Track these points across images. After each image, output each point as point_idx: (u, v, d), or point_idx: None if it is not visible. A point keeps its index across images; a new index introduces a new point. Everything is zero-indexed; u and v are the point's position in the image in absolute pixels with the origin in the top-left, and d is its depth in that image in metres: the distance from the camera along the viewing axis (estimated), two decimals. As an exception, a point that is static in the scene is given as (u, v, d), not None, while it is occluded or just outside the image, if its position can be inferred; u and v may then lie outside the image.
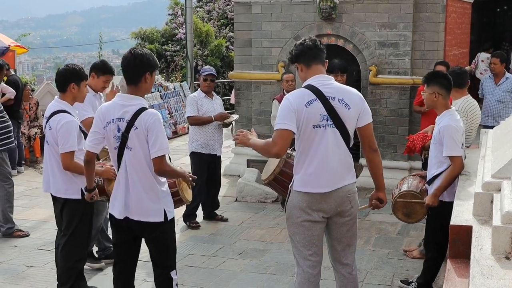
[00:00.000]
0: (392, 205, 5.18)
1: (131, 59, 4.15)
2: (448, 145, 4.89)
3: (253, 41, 9.68)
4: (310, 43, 4.16)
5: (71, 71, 5.14)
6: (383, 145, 8.89)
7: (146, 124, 4.07)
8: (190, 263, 6.21)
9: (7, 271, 6.09)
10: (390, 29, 8.80)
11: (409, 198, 5.11)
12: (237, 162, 10.04)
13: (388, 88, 8.90)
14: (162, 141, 4.11)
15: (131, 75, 4.18)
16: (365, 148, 4.23)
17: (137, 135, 4.10)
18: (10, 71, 10.39)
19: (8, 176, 7.16)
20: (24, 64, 55.12)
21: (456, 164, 4.90)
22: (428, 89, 5.11)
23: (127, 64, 4.17)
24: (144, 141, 4.10)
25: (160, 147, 4.08)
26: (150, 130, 4.08)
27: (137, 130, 4.09)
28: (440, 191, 4.94)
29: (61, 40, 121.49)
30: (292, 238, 4.24)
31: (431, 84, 5.11)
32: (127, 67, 4.18)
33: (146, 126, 4.07)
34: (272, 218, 7.75)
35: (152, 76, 4.22)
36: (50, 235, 6.94)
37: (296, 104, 4.00)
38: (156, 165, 4.12)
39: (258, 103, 9.77)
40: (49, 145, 5.10)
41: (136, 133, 4.10)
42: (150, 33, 21.25)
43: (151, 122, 4.08)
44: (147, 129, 4.07)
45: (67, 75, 5.11)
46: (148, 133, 4.08)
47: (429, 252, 5.34)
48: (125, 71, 4.20)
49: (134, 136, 4.10)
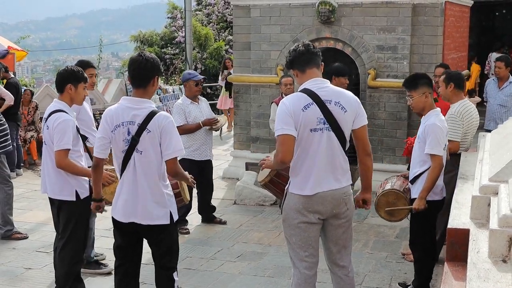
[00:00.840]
0: (375, 203, 5.21)
1: (142, 61, 4.18)
2: (431, 143, 4.95)
3: (252, 44, 9.69)
4: (302, 48, 4.17)
5: (69, 72, 5.17)
6: (381, 148, 8.90)
7: (160, 126, 4.11)
8: (189, 265, 6.21)
9: (5, 273, 6.09)
10: (389, 33, 8.82)
11: (392, 198, 5.14)
12: (236, 165, 10.05)
13: (386, 91, 8.91)
14: (177, 142, 4.15)
15: (142, 78, 4.21)
16: (358, 150, 4.25)
17: (150, 138, 4.12)
18: (9, 73, 10.40)
19: (7, 178, 7.17)
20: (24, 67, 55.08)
21: (436, 163, 4.96)
22: (417, 92, 5.14)
23: (138, 67, 4.19)
24: (156, 144, 4.13)
25: (175, 148, 4.13)
26: (164, 133, 4.11)
27: (150, 133, 4.12)
28: (426, 193, 4.98)
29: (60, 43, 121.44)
30: (288, 239, 4.26)
31: (420, 86, 5.15)
32: (138, 69, 4.19)
33: (160, 129, 4.11)
34: (271, 221, 7.76)
35: (157, 80, 4.29)
36: (49, 238, 6.94)
37: (293, 108, 4.01)
38: (170, 166, 4.16)
39: (257, 106, 9.78)
40: (47, 145, 5.13)
41: (149, 136, 4.12)
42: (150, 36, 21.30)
43: (165, 124, 4.12)
44: (161, 131, 4.11)
45: (65, 76, 5.15)
46: (162, 135, 4.11)
47: (416, 253, 5.37)
48: (136, 73, 4.21)
49: (147, 139, 4.12)
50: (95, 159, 4.37)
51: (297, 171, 4.13)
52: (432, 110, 5.14)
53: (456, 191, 4.60)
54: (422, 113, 5.19)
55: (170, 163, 4.17)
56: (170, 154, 4.13)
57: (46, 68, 69.35)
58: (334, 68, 7.35)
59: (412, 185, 5.20)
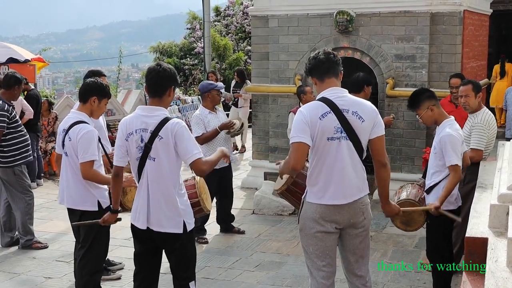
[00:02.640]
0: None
1: (159, 71, 4.23)
2: (450, 156, 4.92)
3: (270, 54, 9.73)
4: (322, 57, 4.16)
5: (98, 85, 5.22)
6: (400, 158, 8.85)
7: (173, 133, 4.13)
8: (207, 275, 6.22)
9: (25, 282, 6.15)
10: (407, 42, 8.80)
11: (407, 207, 5.11)
12: (254, 175, 10.06)
13: (405, 100, 8.79)
14: (194, 145, 4.18)
15: (157, 87, 4.25)
16: (374, 160, 4.22)
17: (162, 145, 4.15)
18: (30, 85, 10.53)
19: (28, 188, 7.25)
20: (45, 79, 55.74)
21: (457, 173, 4.93)
22: (421, 109, 5.14)
23: (155, 76, 4.23)
24: (170, 151, 4.15)
25: (194, 150, 4.14)
26: (178, 138, 4.13)
27: (163, 140, 4.14)
28: (442, 201, 4.95)
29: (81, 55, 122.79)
30: (305, 249, 4.25)
31: (421, 103, 5.15)
32: (154, 78, 4.24)
33: (173, 135, 4.13)
34: (289, 231, 7.75)
35: (174, 91, 4.33)
36: (69, 247, 7.00)
37: (310, 117, 4.02)
38: (196, 167, 4.17)
39: (275, 116, 9.79)
40: (68, 156, 5.15)
41: (161, 143, 4.15)
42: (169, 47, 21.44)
43: (178, 130, 4.14)
44: (174, 137, 4.13)
45: (93, 88, 5.19)
46: (177, 141, 4.13)
47: (433, 262, 5.33)
48: (152, 82, 4.25)
49: (159, 146, 4.15)
50: (115, 168, 4.40)
51: (314, 180, 4.13)
52: (445, 120, 5.11)
53: (474, 200, 4.57)
54: (437, 124, 5.17)
55: (194, 165, 4.17)
56: (191, 158, 4.13)
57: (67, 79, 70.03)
58: (365, 77, 7.32)
59: (427, 195, 5.17)
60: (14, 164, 7.07)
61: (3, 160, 7.05)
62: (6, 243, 7.28)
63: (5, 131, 7.02)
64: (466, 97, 5.86)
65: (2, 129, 6.99)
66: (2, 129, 6.99)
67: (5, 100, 7.14)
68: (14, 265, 6.64)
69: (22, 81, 7.50)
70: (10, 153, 7.05)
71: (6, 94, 7.24)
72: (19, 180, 7.14)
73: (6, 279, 6.23)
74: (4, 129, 6.99)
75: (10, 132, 7.08)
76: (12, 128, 7.10)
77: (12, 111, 7.16)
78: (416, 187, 5.39)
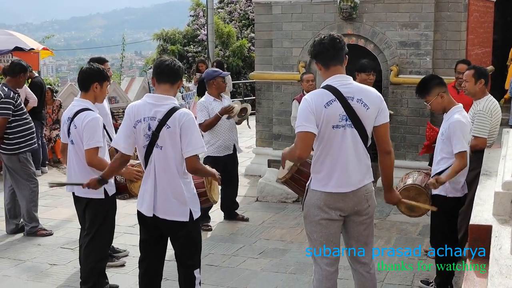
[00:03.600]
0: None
1: (173, 61, 4.33)
2: (458, 143, 4.90)
3: (274, 41, 9.70)
4: (328, 43, 4.12)
5: (95, 70, 5.19)
6: (404, 145, 8.84)
7: (180, 123, 4.15)
8: (211, 262, 6.25)
9: (31, 269, 6.18)
10: (411, 29, 8.76)
11: (413, 193, 5.11)
12: (258, 162, 10.07)
13: (409, 88, 8.84)
14: (197, 140, 4.18)
15: (170, 74, 4.30)
16: (378, 148, 4.21)
17: (169, 134, 4.16)
18: (34, 73, 10.53)
19: (32, 176, 7.27)
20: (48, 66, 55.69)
21: (463, 159, 4.92)
22: (431, 96, 5.12)
23: (169, 63, 4.30)
24: (176, 140, 4.17)
25: (195, 146, 4.16)
26: (184, 129, 4.15)
27: (170, 129, 4.15)
28: (447, 179, 4.95)
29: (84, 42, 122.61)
30: (309, 236, 4.26)
31: (431, 89, 5.13)
32: (169, 66, 4.29)
33: (180, 125, 4.15)
34: (293, 218, 7.76)
35: (180, 85, 4.43)
36: (73, 234, 7.03)
37: (315, 105, 4.00)
38: (189, 163, 4.19)
39: (278, 104, 9.78)
40: (74, 144, 5.15)
41: (168, 132, 4.16)
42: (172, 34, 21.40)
43: (186, 121, 4.16)
44: (181, 128, 4.15)
45: (91, 75, 5.17)
46: (182, 132, 4.15)
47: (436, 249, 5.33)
48: (166, 68, 4.28)
49: (166, 134, 4.16)
50: (120, 154, 4.39)
51: (318, 167, 4.13)
52: (454, 106, 5.10)
53: (478, 187, 4.56)
54: (445, 112, 5.15)
55: (189, 160, 4.19)
56: (190, 152, 4.16)
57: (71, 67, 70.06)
58: (360, 64, 7.35)
59: None
60: (19, 151, 7.10)
61: (8, 148, 7.07)
62: (11, 230, 7.32)
63: (10, 119, 7.04)
64: (466, 82, 5.88)
65: (8, 116, 7.01)
66: (8, 116, 7.00)
67: (10, 87, 7.15)
68: (19, 252, 6.68)
69: (28, 69, 7.51)
70: (15, 140, 7.07)
71: (12, 82, 7.25)
72: (24, 168, 7.16)
73: (11, 265, 6.26)
74: (9, 116, 7.01)
75: (15, 119, 7.10)
76: (17, 115, 7.12)
77: (18, 99, 7.18)
78: (422, 174, 5.39)
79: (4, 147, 7.09)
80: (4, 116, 7.00)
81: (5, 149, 7.09)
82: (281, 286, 5.63)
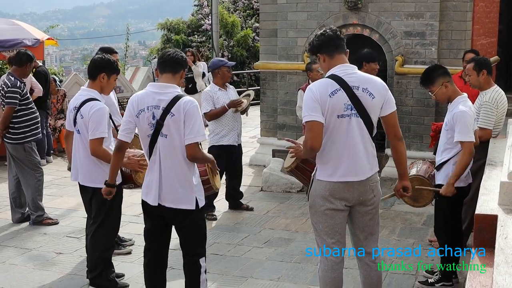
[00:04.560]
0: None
1: (176, 52, 4.35)
2: (461, 131, 4.89)
3: (279, 31, 9.68)
4: (331, 33, 4.14)
5: (106, 61, 5.21)
6: (409, 135, 8.84)
7: (185, 110, 4.16)
8: (216, 251, 6.28)
9: (37, 257, 6.22)
10: (417, 19, 8.74)
11: (417, 183, 5.12)
12: (263, 152, 10.08)
13: (414, 78, 8.83)
14: (199, 128, 4.19)
15: (173, 64, 4.31)
16: (390, 136, 4.23)
17: (174, 122, 4.17)
18: (38, 62, 10.53)
19: (37, 165, 7.30)
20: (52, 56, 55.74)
21: (467, 149, 4.91)
22: (435, 86, 5.10)
23: (172, 54, 4.33)
24: (181, 128, 4.17)
25: (197, 133, 4.18)
26: (188, 117, 4.16)
27: (174, 117, 4.16)
28: (455, 179, 4.95)
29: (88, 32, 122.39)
30: (315, 226, 4.27)
31: (435, 79, 5.11)
32: (171, 56, 4.32)
33: (185, 113, 4.15)
34: (297, 208, 7.78)
35: (183, 75, 4.43)
36: (79, 223, 7.07)
37: (320, 94, 4.00)
38: (189, 150, 4.20)
39: (283, 93, 9.78)
40: (80, 134, 5.17)
41: (173, 120, 4.17)
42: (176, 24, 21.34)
43: (190, 109, 4.17)
44: (185, 115, 4.16)
45: (101, 65, 5.19)
46: (186, 119, 4.16)
47: (441, 240, 5.34)
48: (169, 58, 4.31)
49: (171, 123, 4.17)
50: (118, 141, 4.41)
51: (324, 157, 4.13)
52: (458, 96, 5.09)
53: (484, 177, 4.56)
54: (450, 101, 5.15)
55: (190, 147, 4.20)
56: (192, 139, 4.16)
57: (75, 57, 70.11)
58: (364, 54, 7.33)
59: (437, 171, 5.18)
60: (24, 140, 7.12)
61: (14, 137, 7.10)
62: (17, 219, 7.35)
63: (17, 108, 7.06)
64: (469, 76, 5.87)
65: (14, 106, 7.03)
66: (14, 105, 7.03)
67: (16, 77, 7.17)
68: (25, 240, 6.71)
69: (34, 58, 7.52)
70: (20, 129, 7.10)
71: (18, 71, 7.27)
72: (29, 157, 7.19)
73: (18, 254, 6.30)
74: (16, 105, 7.04)
75: (21, 109, 7.13)
76: (23, 105, 7.14)
77: (24, 88, 7.20)
78: (427, 164, 5.40)
79: (9, 136, 7.12)
80: (11, 106, 7.02)
81: (10, 138, 7.12)
82: (285, 275, 5.66)
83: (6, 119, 7.06)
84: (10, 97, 7.01)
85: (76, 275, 5.73)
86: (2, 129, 7.14)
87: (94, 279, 5.29)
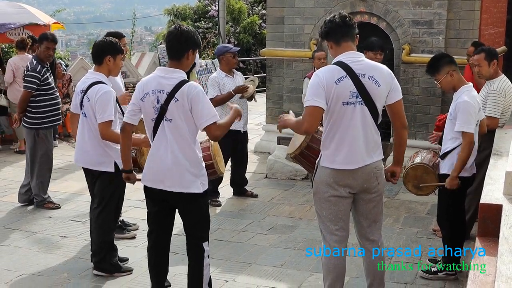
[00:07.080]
0: (404, 176, 5.19)
1: (177, 34, 4.21)
2: (462, 120, 4.89)
3: (286, 18, 9.64)
4: (339, 20, 4.12)
5: (108, 44, 5.22)
6: (414, 124, 8.81)
7: (189, 96, 4.12)
8: (220, 237, 6.29)
9: (42, 240, 6.25)
10: (425, 7, 8.68)
11: (421, 172, 5.13)
12: (268, 139, 10.08)
13: (421, 67, 8.77)
14: (209, 109, 4.16)
15: (175, 50, 4.24)
16: (396, 124, 4.23)
17: (177, 107, 4.15)
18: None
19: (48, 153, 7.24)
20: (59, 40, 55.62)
21: (467, 140, 4.89)
22: (441, 74, 5.09)
23: (172, 39, 4.23)
24: (185, 113, 4.15)
25: (208, 116, 4.14)
26: (194, 102, 4.13)
27: (178, 102, 4.14)
28: (458, 172, 4.94)
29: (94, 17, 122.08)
30: (319, 213, 4.28)
31: (441, 67, 5.09)
32: (172, 41, 4.23)
33: (190, 98, 4.12)
34: (302, 195, 7.79)
35: (193, 54, 4.28)
36: (83, 207, 7.09)
37: (326, 81, 4.00)
38: (211, 132, 4.19)
39: (289, 81, 9.76)
40: (87, 117, 5.18)
41: (177, 105, 4.15)
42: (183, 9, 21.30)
43: (194, 94, 4.13)
44: (190, 101, 4.12)
45: (105, 48, 5.20)
46: (193, 105, 4.13)
47: (444, 230, 5.34)
48: (170, 45, 4.25)
49: (175, 108, 4.15)
50: (123, 123, 4.41)
51: (328, 144, 4.13)
52: (463, 86, 5.07)
53: (489, 167, 4.56)
54: (455, 90, 5.13)
55: (208, 130, 4.19)
56: (205, 122, 4.14)
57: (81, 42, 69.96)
58: (366, 42, 7.32)
59: (442, 160, 5.17)
60: (38, 126, 7.09)
61: (28, 121, 7.09)
62: (23, 200, 7.36)
63: (35, 92, 7.02)
64: (479, 66, 5.83)
65: (31, 91, 7.00)
66: (32, 90, 6.99)
67: (39, 60, 7.13)
68: (30, 223, 6.74)
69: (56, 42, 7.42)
70: (36, 115, 7.07)
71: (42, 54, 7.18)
72: (40, 145, 7.14)
73: (23, 237, 6.33)
74: (33, 90, 7.00)
75: (40, 94, 7.08)
76: (42, 90, 7.09)
77: (45, 73, 7.15)
78: (431, 153, 5.39)
79: (26, 120, 7.10)
80: (28, 90, 6.99)
81: (25, 122, 7.11)
82: (289, 262, 5.67)
83: (23, 102, 7.04)
84: (28, 81, 6.99)
85: (81, 258, 5.76)
86: (19, 112, 7.14)
87: (98, 263, 5.32)
